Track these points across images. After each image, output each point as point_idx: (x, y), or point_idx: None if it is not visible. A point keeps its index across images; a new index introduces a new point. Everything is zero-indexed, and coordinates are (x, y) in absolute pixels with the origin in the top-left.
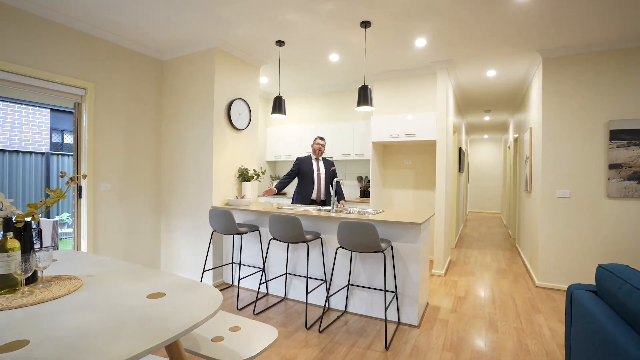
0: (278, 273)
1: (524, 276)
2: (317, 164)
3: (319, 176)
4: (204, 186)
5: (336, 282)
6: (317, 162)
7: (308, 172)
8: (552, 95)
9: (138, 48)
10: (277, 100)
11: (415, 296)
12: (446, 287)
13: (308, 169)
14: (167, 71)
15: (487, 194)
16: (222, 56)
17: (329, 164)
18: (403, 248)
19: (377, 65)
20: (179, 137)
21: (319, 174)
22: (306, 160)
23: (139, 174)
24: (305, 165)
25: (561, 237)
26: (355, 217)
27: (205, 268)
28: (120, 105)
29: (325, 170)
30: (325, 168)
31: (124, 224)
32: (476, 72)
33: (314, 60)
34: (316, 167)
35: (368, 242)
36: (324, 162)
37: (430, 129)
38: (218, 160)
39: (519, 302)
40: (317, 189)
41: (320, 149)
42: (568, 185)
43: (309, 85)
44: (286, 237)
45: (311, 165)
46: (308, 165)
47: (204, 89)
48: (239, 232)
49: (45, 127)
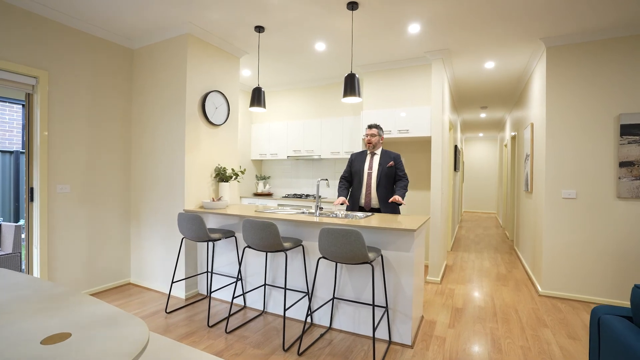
0: (256, 284)
1: (525, 283)
2: (370, 159)
3: (369, 175)
4: (176, 187)
5: (320, 295)
6: (372, 158)
7: (358, 171)
8: (556, 87)
9: (103, 34)
10: (256, 92)
11: (409, 312)
12: (442, 297)
13: (359, 167)
14: (138, 61)
15: (482, 193)
16: (195, 43)
17: (388, 158)
18: (395, 257)
19: (367, 55)
20: (150, 133)
21: (370, 172)
22: (359, 157)
23: (106, 174)
24: (357, 163)
25: (567, 241)
26: (340, 223)
27: (177, 278)
28: (82, 97)
29: (380, 166)
30: (380, 164)
31: (86, 230)
32: (474, 63)
33: (299, 50)
34: (368, 164)
35: (353, 252)
36: (382, 156)
37: (424, 125)
38: (191, 158)
39: (522, 314)
40: (366, 192)
41: (371, 140)
42: (574, 185)
43: (295, 79)
44: (261, 245)
45: (363, 162)
46: (359, 162)
47: (175, 79)
48: (210, 239)
49: (17, 124)
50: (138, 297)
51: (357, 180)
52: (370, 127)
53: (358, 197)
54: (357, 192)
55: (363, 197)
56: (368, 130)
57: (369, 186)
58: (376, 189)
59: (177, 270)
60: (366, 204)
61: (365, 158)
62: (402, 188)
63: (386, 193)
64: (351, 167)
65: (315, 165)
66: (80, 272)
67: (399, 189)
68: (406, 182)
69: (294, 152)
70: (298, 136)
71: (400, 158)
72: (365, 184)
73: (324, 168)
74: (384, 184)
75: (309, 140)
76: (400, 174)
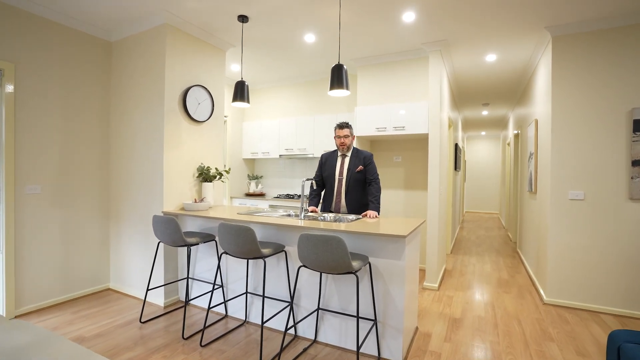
0: (238, 291)
1: (529, 289)
2: (341, 163)
3: (339, 182)
4: (155, 187)
5: (304, 305)
6: (342, 160)
7: (329, 177)
8: (562, 80)
9: (79, 26)
10: (238, 85)
11: (400, 326)
12: (440, 305)
13: (330, 172)
14: (117, 54)
15: (485, 193)
16: (175, 35)
17: (357, 161)
18: (384, 266)
19: (360, 48)
20: (129, 130)
21: (340, 179)
22: (330, 159)
23: (83, 174)
24: (328, 167)
25: (573, 245)
26: (323, 228)
27: (155, 284)
28: (56, 91)
29: (350, 169)
30: (349, 169)
31: (60, 233)
32: (474, 56)
33: (288, 42)
34: (339, 169)
35: (335, 261)
36: (352, 158)
37: (421, 121)
38: (171, 156)
39: (526, 326)
40: (336, 200)
41: (344, 142)
42: (582, 185)
43: (287, 74)
44: (237, 251)
45: (334, 167)
46: (330, 166)
47: (153, 72)
48: (187, 244)
49: None
50: (115, 304)
51: (329, 185)
52: (342, 127)
53: (330, 202)
54: (328, 198)
55: (333, 204)
56: (339, 130)
57: (338, 193)
58: (345, 196)
59: (155, 276)
60: (336, 210)
61: (336, 161)
62: (375, 200)
63: (356, 198)
64: (322, 171)
65: (308, 164)
66: (53, 278)
67: (372, 201)
68: (377, 188)
69: (286, 150)
70: (290, 134)
71: (372, 159)
72: (335, 191)
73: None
74: (353, 190)
75: (301, 139)
76: (371, 177)
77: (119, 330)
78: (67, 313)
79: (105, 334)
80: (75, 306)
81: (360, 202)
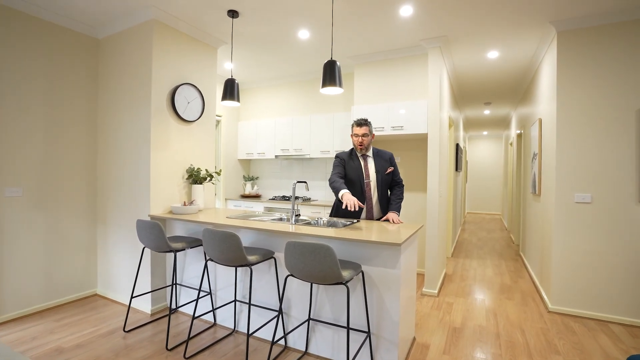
0: (227, 298)
1: (532, 296)
2: (364, 165)
3: (367, 185)
4: (141, 189)
5: (295, 314)
6: (365, 162)
7: (355, 179)
8: (568, 77)
9: (64, 22)
10: (228, 83)
11: (395, 338)
12: (439, 313)
13: (354, 175)
14: (104, 51)
15: (487, 194)
16: (162, 31)
17: (383, 162)
18: (378, 275)
19: (357, 45)
20: (116, 130)
21: (368, 182)
22: (349, 161)
23: (68, 175)
24: (351, 168)
25: (580, 250)
26: (311, 234)
27: (141, 290)
28: (38, 90)
29: (378, 174)
30: (378, 171)
31: (43, 237)
32: (475, 53)
33: (281, 39)
34: (364, 172)
35: (323, 271)
36: (376, 159)
37: (421, 121)
38: (158, 157)
39: (530, 336)
40: (367, 206)
41: (363, 142)
42: (589, 187)
43: (282, 73)
44: (222, 258)
45: (357, 169)
46: (353, 168)
47: (140, 69)
48: (172, 249)
49: None
50: (100, 311)
51: (356, 192)
52: (360, 125)
53: (360, 211)
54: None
55: (364, 212)
56: (357, 128)
57: (369, 199)
58: (377, 200)
59: (142, 282)
60: (368, 218)
61: (359, 163)
62: (399, 200)
63: (385, 203)
64: (345, 171)
65: (305, 165)
66: (36, 285)
67: (395, 202)
68: (402, 191)
69: (282, 151)
70: (286, 134)
71: (394, 158)
72: (365, 197)
73: (315, 168)
74: (382, 194)
75: (297, 139)
76: (397, 179)
77: (100, 340)
78: (50, 321)
79: (85, 345)
80: (59, 313)
81: (386, 207)
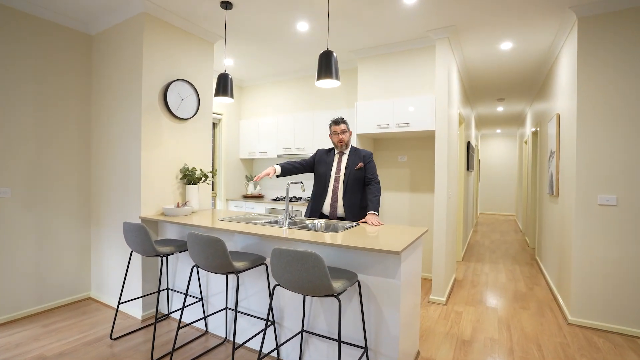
0: (218, 306)
1: (550, 305)
2: (338, 161)
3: (336, 180)
4: (132, 190)
5: (288, 325)
6: (340, 158)
7: (323, 175)
8: (590, 67)
9: (55, 18)
10: (221, 79)
11: (394, 354)
12: (447, 324)
13: (324, 170)
14: (97, 47)
15: (500, 194)
16: (154, 24)
17: (356, 158)
18: (376, 284)
19: (359, 38)
20: (109, 129)
21: (338, 176)
22: (325, 157)
23: (60, 175)
24: (323, 165)
25: (604, 257)
26: (303, 239)
27: (135, 294)
28: (28, 88)
29: (348, 166)
30: (348, 166)
31: (34, 239)
32: (487, 44)
33: (279, 32)
34: (336, 167)
35: (311, 282)
36: (350, 156)
37: (428, 117)
38: (150, 156)
39: (547, 352)
40: (332, 199)
41: (342, 139)
42: (614, 189)
43: (283, 69)
44: (207, 265)
45: (330, 165)
46: (326, 164)
47: (131, 65)
48: (159, 254)
49: None
50: (92, 316)
51: (321, 185)
52: (338, 123)
53: (321, 204)
54: (320, 199)
55: (328, 205)
56: (335, 126)
57: (335, 193)
58: (343, 196)
59: (133, 287)
60: (331, 212)
61: (333, 159)
62: (375, 199)
63: (355, 201)
64: (315, 166)
65: None
66: (26, 288)
67: (372, 200)
68: (377, 188)
69: (284, 150)
70: (288, 132)
71: (372, 157)
72: (331, 191)
73: None
74: (352, 190)
75: (300, 137)
76: (370, 177)
77: (86, 348)
78: (38, 326)
79: (69, 353)
80: (49, 318)
81: (359, 206)
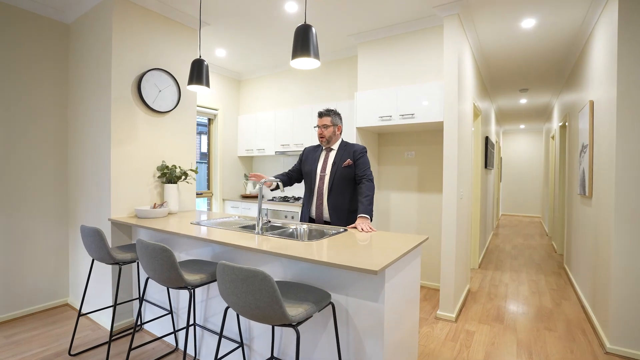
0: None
1: (582, 327)
2: (325, 158)
3: (321, 179)
4: (102, 189)
5: (257, 349)
6: (327, 155)
7: (309, 173)
8: (632, 46)
9: (28, 6)
10: (195, 65)
11: None
12: (454, 347)
13: (310, 168)
14: (74, 36)
15: (524, 194)
16: (126, 8)
17: (345, 154)
18: (355, 308)
19: (358, 20)
20: (82, 123)
21: (323, 175)
22: (311, 154)
23: (34, 174)
24: (310, 160)
25: None
26: (264, 250)
27: (105, 304)
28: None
29: (335, 163)
30: (336, 161)
31: (5, 242)
32: (505, 21)
33: (268, 14)
34: (322, 165)
35: (260, 308)
36: (339, 152)
37: (435, 107)
38: (122, 153)
39: None
40: (317, 201)
41: (323, 133)
42: None
43: (278, 60)
44: (157, 277)
45: (316, 162)
46: (312, 161)
47: (102, 53)
48: (116, 261)
49: None
50: (61, 325)
51: (308, 185)
52: (321, 115)
53: (309, 207)
54: (307, 201)
55: (314, 207)
56: (318, 119)
57: (320, 194)
58: (328, 197)
59: (104, 296)
60: (317, 216)
61: (319, 156)
62: (366, 200)
63: (342, 202)
64: (302, 166)
65: None
66: None
67: (362, 202)
68: (369, 186)
69: (282, 146)
70: (287, 128)
71: (365, 152)
72: (316, 191)
73: None
74: (338, 190)
75: (298, 132)
76: (361, 174)
77: None
78: (0, 337)
79: None
80: (16, 327)
81: (348, 209)
